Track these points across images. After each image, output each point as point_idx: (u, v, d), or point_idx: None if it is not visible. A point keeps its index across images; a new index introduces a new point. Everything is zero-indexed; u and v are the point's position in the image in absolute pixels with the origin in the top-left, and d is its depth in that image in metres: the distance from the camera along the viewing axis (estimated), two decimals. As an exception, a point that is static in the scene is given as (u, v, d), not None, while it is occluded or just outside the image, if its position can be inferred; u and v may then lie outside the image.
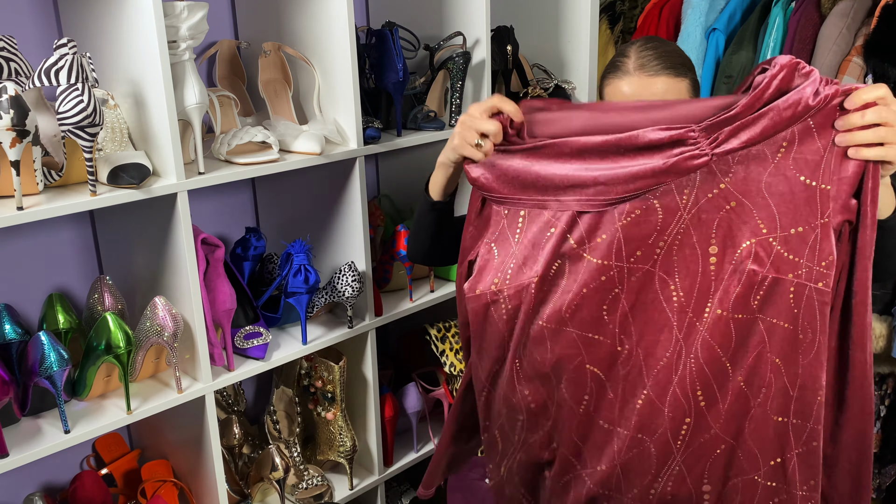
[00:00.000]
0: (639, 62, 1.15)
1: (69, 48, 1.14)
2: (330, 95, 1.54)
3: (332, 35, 1.48)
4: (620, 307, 1.01)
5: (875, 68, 1.69)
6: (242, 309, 1.59)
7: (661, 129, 0.94)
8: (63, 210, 1.18)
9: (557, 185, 1.00)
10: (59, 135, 1.26)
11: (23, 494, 1.55)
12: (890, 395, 1.92)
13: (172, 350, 1.34)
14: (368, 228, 1.59)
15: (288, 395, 1.72)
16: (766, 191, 0.94)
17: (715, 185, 0.95)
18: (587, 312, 1.01)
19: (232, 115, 1.53)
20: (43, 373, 1.22)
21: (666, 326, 1.00)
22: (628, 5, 2.25)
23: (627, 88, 1.17)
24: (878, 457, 1.95)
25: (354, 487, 1.72)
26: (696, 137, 0.94)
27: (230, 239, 1.78)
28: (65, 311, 1.41)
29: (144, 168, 1.24)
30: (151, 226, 1.38)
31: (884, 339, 1.76)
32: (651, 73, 1.15)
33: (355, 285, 1.55)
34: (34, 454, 1.23)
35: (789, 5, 1.85)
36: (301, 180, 1.68)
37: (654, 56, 1.16)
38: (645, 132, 0.95)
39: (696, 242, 0.97)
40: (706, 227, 0.96)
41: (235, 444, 1.66)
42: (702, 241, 0.97)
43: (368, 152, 1.54)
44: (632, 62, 1.16)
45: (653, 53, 1.16)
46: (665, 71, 1.16)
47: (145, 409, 1.35)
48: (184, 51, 1.31)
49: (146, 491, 1.54)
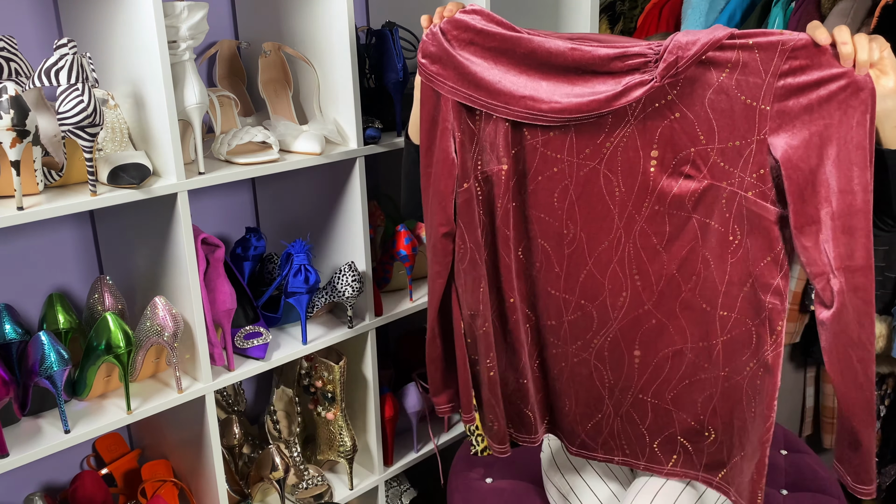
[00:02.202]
0: None
1: (69, 48, 1.14)
2: (330, 95, 1.54)
3: (332, 35, 1.48)
4: (569, 197, 1.14)
5: (875, 68, 1.69)
6: (242, 309, 1.59)
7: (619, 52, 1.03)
8: (63, 210, 1.18)
9: (513, 94, 1.10)
10: (59, 135, 1.27)
11: (23, 494, 1.56)
12: (890, 395, 1.92)
13: (172, 350, 1.34)
14: (368, 228, 1.59)
15: (288, 395, 1.72)
16: (708, 106, 1.03)
17: (662, 96, 1.04)
18: (541, 197, 1.16)
19: (232, 115, 1.53)
20: (43, 373, 1.22)
21: (608, 216, 1.13)
22: (628, 5, 2.25)
23: None
24: (877, 456, 1.95)
25: (354, 487, 1.72)
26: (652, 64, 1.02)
27: (230, 239, 1.78)
28: (65, 311, 1.41)
29: (144, 168, 1.24)
30: (151, 226, 1.38)
31: (884, 339, 1.76)
32: None
33: (355, 285, 1.55)
34: (34, 454, 1.23)
35: (789, 5, 1.85)
36: (301, 180, 1.68)
37: None
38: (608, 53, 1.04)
39: (639, 146, 1.08)
40: (650, 133, 1.07)
41: (235, 444, 1.66)
42: (645, 145, 1.08)
43: (368, 152, 1.54)
44: None
45: None
46: None
47: (145, 409, 1.35)
48: (184, 51, 1.31)
49: (146, 491, 1.54)
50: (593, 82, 1.06)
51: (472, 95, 1.12)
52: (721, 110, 1.02)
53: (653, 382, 1.19)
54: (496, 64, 1.10)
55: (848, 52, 0.94)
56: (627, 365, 1.20)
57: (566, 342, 1.23)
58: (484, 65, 1.11)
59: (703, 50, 0.99)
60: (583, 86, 1.06)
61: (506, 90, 1.10)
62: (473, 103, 1.13)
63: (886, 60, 0.96)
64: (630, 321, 1.17)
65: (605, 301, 1.17)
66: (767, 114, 0.99)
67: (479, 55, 1.11)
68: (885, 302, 1.78)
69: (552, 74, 1.08)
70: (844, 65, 0.95)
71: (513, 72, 1.10)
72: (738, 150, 1.02)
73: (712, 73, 1.01)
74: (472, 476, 1.53)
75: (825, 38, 0.95)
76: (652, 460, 1.24)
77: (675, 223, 1.10)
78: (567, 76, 1.07)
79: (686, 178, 1.07)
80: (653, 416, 1.21)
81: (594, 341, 1.21)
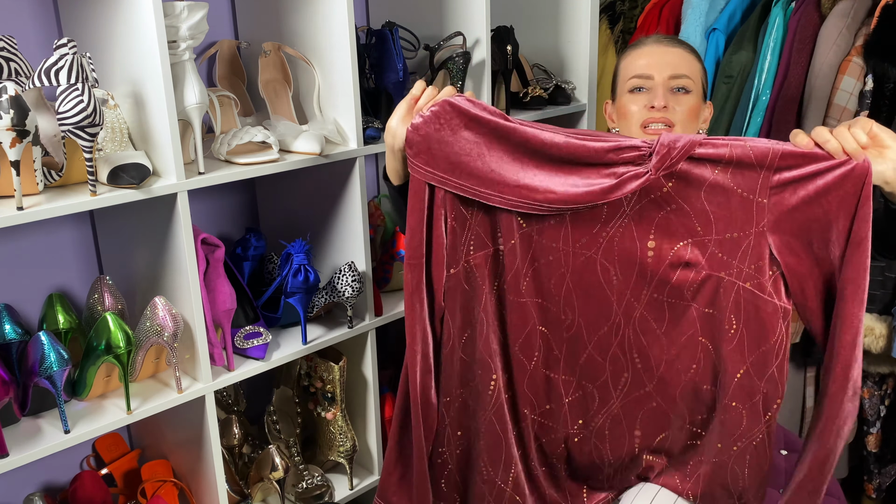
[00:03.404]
0: (656, 38, 1.32)
1: (69, 48, 1.14)
2: (330, 95, 1.54)
3: (332, 35, 1.48)
4: (566, 284, 1.14)
5: (875, 68, 1.69)
6: (242, 309, 1.59)
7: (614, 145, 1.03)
8: (63, 210, 1.18)
9: (507, 183, 1.08)
10: (59, 135, 1.27)
11: (23, 494, 1.55)
12: (890, 395, 1.92)
13: (172, 350, 1.34)
14: (368, 228, 1.59)
15: (288, 395, 1.72)
16: (704, 199, 1.03)
17: (659, 188, 1.04)
18: (538, 284, 1.15)
19: (232, 115, 1.53)
20: (43, 373, 1.22)
21: (606, 302, 1.13)
22: (628, 5, 2.25)
23: (643, 60, 1.30)
24: (878, 457, 1.95)
25: (354, 487, 1.72)
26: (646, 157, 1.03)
27: (230, 239, 1.78)
28: (65, 311, 1.41)
29: (144, 168, 1.24)
30: (151, 226, 1.38)
31: (884, 339, 1.76)
32: (668, 45, 1.30)
33: (355, 285, 1.55)
34: (34, 454, 1.23)
35: (789, 5, 1.85)
36: (301, 180, 1.68)
37: (671, 38, 1.34)
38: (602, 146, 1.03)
39: (636, 236, 1.09)
40: (646, 224, 1.08)
41: (235, 444, 1.66)
42: (641, 235, 1.08)
43: (368, 152, 1.54)
44: (650, 39, 1.32)
45: (669, 37, 1.33)
46: (682, 45, 1.31)
47: (145, 409, 1.35)
48: (184, 51, 1.31)
49: (146, 491, 1.54)
50: (587, 173, 1.06)
51: (463, 185, 1.10)
52: (718, 203, 1.03)
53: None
54: (489, 151, 1.09)
55: (835, 147, 0.96)
56: (628, 444, 1.20)
57: (566, 425, 1.21)
58: (476, 152, 1.09)
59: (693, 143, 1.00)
60: (577, 177, 1.06)
61: (499, 178, 1.08)
62: (465, 192, 1.11)
63: (880, 135, 0.97)
64: (632, 401, 1.17)
65: (607, 381, 1.17)
66: (765, 206, 1.00)
67: (471, 142, 1.09)
68: (885, 302, 1.78)
69: (546, 164, 1.07)
70: (838, 158, 0.96)
71: (506, 159, 1.08)
72: (736, 241, 1.03)
73: (707, 169, 1.02)
74: (472, 476, 1.53)
75: (807, 144, 0.98)
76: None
77: (675, 311, 1.10)
78: (561, 167, 1.07)
79: (684, 268, 1.08)
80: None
81: (594, 420, 1.20)
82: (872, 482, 1.97)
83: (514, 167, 1.08)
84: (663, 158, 1.01)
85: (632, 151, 1.03)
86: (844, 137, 0.96)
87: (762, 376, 1.07)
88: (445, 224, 1.14)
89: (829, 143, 0.96)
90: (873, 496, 1.98)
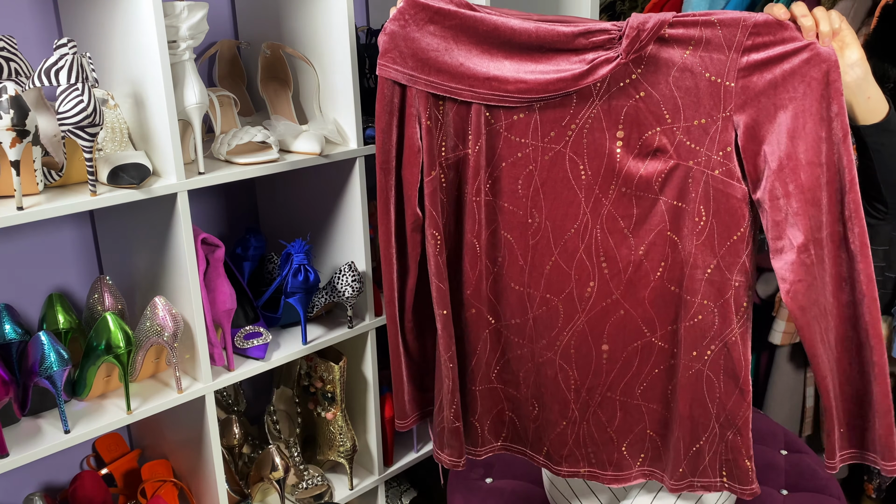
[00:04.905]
0: None
1: (69, 48, 1.14)
2: (330, 95, 1.54)
3: (331, 35, 1.48)
4: (533, 183, 1.12)
5: (875, 68, 1.69)
6: (242, 309, 1.59)
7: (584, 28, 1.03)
8: (63, 210, 1.18)
9: (477, 76, 1.08)
10: (59, 135, 1.27)
11: (23, 494, 1.56)
12: (890, 395, 1.91)
13: (172, 350, 1.34)
14: (368, 228, 1.59)
15: (288, 395, 1.72)
16: (673, 84, 1.02)
17: (627, 75, 1.03)
18: (505, 185, 1.13)
19: (232, 115, 1.53)
20: (43, 373, 1.22)
21: (574, 201, 1.11)
22: (628, 5, 2.25)
23: None
24: (878, 457, 1.95)
25: (354, 487, 1.72)
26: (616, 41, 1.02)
27: (230, 239, 1.78)
28: (65, 311, 1.41)
29: (144, 168, 1.24)
30: (151, 226, 1.38)
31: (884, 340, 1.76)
32: None
33: (355, 285, 1.55)
34: (34, 454, 1.23)
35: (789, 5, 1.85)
36: (301, 180, 1.68)
37: None
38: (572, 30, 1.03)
39: (605, 127, 1.07)
40: (615, 113, 1.06)
41: (235, 444, 1.66)
42: (610, 125, 1.07)
43: (368, 152, 1.54)
44: None
45: None
46: None
47: (145, 409, 1.35)
48: (184, 51, 1.31)
49: (146, 491, 1.54)
50: (557, 60, 1.04)
51: (433, 81, 1.09)
52: (686, 88, 1.02)
53: (622, 378, 1.17)
54: (457, 45, 1.07)
55: (809, 24, 0.96)
56: (595, 362, 1.17)
57: (532, 340, 1.19)
58: (444, 47, 1.08)
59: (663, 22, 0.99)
60: (546, 63, 1.05)
61: (469, 72, 1.07)
62: (436, 89, 1.09)
63: (846, 32, 0.99)
64: (597, 313, 1.14)
65: (572, 293, 1.14)
66: (732, 90, 0.99)
67: (438, 36, 1.08)
68: (885, 302, 1.78)
69: (515, 53, 1.06)
70: (807, 38, 0.96)
71: (475, 52, 1.07)
72: (703, 128, 1.02)
73: (676, 51, 1.01)
74: (472, 476, 1.53)
75: (784, 14, 0.97)
76: (619, 467, 1.20)
77: (643, 205, 1.09)
78: (531, 54, 1.05)
79: (653, 158, 1.06)
80: (622, 415, 1.18)
81: (560, 338, 1.17)
82: (872, 482, 1.97)
83: (482, 59, 1.07)
84: (633, 41, 1.00)
85: (601, 35, 1.02)
86: (822, 18, 0.96)
87: (733, 268, 1.05)
88: (420, 126, 1.13)
89: (805, 19, 0.96)
90: (873, 496, 1.98)
